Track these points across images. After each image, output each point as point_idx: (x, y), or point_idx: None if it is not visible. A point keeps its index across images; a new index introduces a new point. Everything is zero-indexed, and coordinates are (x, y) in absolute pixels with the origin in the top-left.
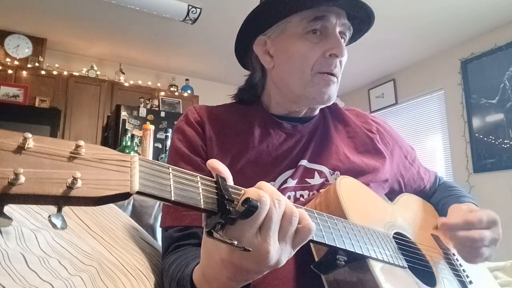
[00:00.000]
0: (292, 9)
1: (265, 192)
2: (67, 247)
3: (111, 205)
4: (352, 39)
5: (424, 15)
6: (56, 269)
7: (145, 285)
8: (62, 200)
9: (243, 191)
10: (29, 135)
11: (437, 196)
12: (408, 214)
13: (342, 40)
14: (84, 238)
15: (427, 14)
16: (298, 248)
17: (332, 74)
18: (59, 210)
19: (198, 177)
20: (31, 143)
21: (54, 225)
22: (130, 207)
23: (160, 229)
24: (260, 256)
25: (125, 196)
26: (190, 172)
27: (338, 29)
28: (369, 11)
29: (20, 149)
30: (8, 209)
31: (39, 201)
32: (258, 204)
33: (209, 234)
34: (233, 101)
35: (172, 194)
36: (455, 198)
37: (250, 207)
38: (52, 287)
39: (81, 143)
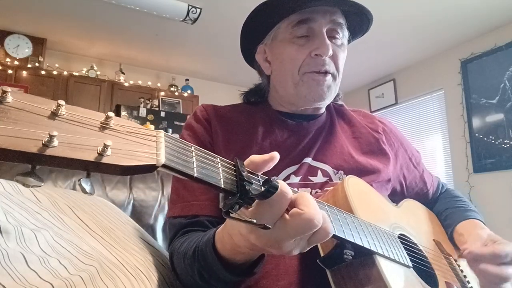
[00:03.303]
0: (277, 17)
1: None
2: (67, 247)
3: (111, 205)
4: (357, 34)
5: (424, 15)
6: (56, 268)
7: (145, 285)
8: (92, 166)
9: (259, 176)
10: (63, 102)
11: (441, 205)
12: (411, 218)
13: (337, 37)
14: (84, 238)
15: (427, 14)
16: (313, 245)
17: (322, 72)
18: (88, 175)
19: (218, 158)
20: (64, 111)
21: (83, 189)
22: (130, 207)
23: (160, 229)
24: (273, 242)
25: (151, 168)
26: (211, 153)
27: (326, 28)
28: (355, 4)
29: (53, 115)
30: (8, 208)
31: (69, 165)
32: (279, 185)
33: (227, 214)
34: (242, 100)
35: (195, 171)
36: (461, 211)
37: (271, 188)
38: (52, 287)
39: (111, 114)
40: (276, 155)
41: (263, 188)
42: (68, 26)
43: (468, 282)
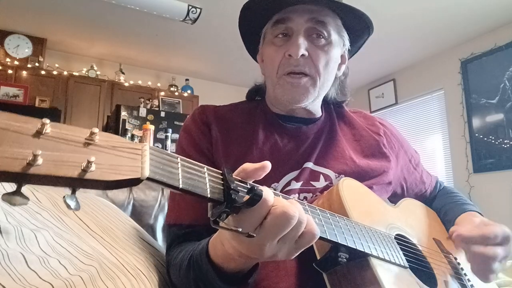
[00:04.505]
0: (259, 18)
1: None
2: (67, 247)
3: (111, 205)
4: (362, 35)
5: (424, 15)
6: (56, 269)
7: (145, 285)
8: (76, 182)
9: (248, 184)
10: (47, 121)
11: (439, 202)
12: (410, 218)
13: (321, 37)
14: (84, 238)
15: (427, 14)
16: (302, 250)
17: (297, 73)
18: (73, 192)
19: (205, 168)
20: (48, 129)
21: (68, 206)
22: (130, 207)
23: (160, 229)
24: (254, 247)
25: (136, 181)
26: (198, 163)
27: (304, 27)
28: (336, 3)
29: (38, 133)
30: (8, 208)
31: (55, 183)
32: (263, 193)
33: (215, 223)
34: (244, 99)
35: (180, 182)
36: (459, 205)
37: (255, 196)
38: (52, 287)
39: (96, 130)
40: (267, 165)
41: (248, 196)
42: (68, 26)
43: (469, 280)
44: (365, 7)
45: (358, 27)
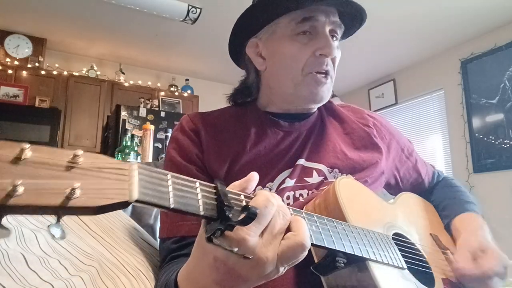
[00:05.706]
0: (280, 12)
1: (271, 202)
2: (67, 247)
3: None
4: (345, 35)
5: (424, 15)
6: (56, 269)
7: (145, 285)
8: (61, 210)
9: (242, 196)
10: (26, 145)
11: (439, 196)
12: (407, 214)
13: (334, 39)
14: (84, 238)
15: (427, 14)
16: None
17: (324, 73)
18: (58, 220)
19: (197, 183)
20: (28, 154)
21: (53, 236)
22: (130, 207)
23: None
24: (257, 261)
25: (124, 204)
26: (190, 178)
27: (328, 28)
28: (359, 8)
29: (17, 160)
30: None
31: (38, 212)
32: (258, 211)
33: (209, 240)
34: (229, 103)
35: (171, 202)
36: (458, 203)
37: (250, 215)
38: (52, 287)
39: (79, 152)
40: (254, 176)
41: (244, 215)
42: (68, 26)
43: None
44: (364, 7)
45: (347, 32)
